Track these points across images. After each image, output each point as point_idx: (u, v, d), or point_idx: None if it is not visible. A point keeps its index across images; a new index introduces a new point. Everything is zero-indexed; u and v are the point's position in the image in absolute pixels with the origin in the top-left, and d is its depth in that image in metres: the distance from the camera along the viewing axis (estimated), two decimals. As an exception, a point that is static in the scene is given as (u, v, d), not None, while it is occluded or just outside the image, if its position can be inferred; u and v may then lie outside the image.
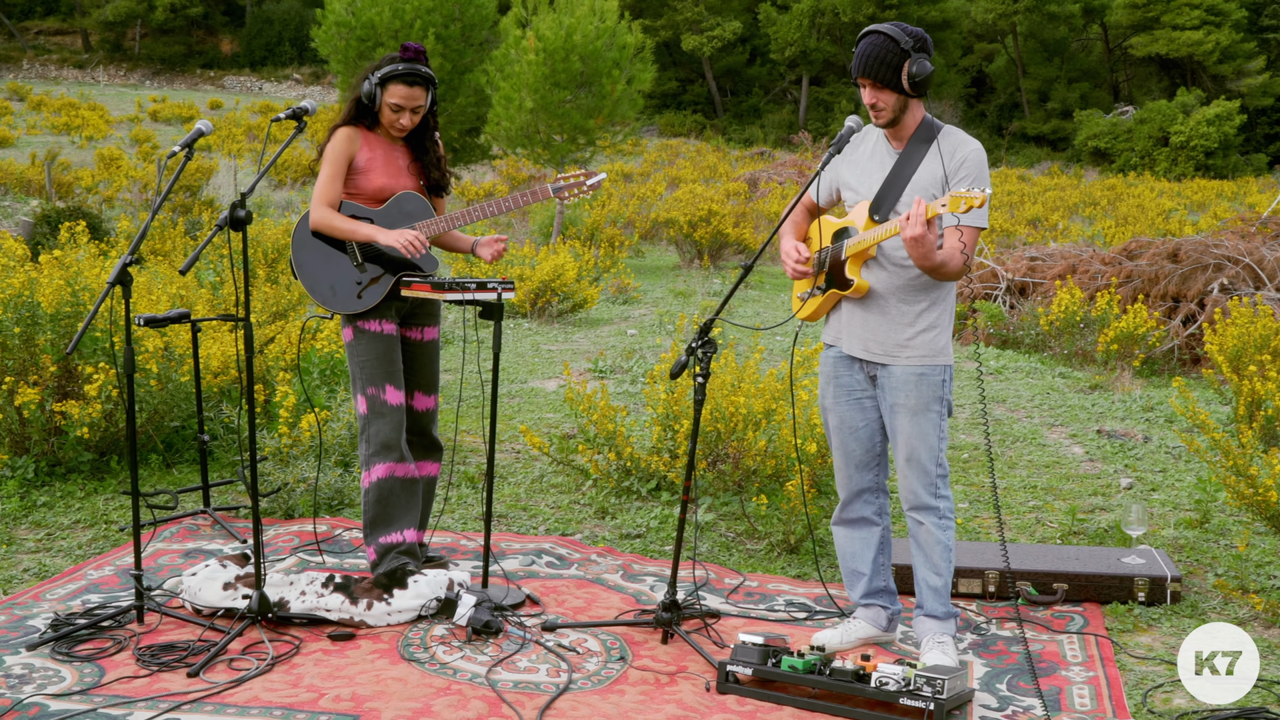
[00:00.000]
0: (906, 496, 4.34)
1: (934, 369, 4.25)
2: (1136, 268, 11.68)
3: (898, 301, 4.24)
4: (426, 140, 4.88)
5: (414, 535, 4.84)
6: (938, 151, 4.17)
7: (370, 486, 4.77)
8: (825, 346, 4.48)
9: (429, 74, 4.71)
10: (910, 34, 4.06)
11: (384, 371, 4.75)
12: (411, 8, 21.75)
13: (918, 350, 4.24)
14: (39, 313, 6.18)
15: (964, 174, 4.12)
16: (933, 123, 4.24)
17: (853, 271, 4.25)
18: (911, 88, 4.08)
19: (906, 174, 4.19)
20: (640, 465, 6.28)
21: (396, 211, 4.77)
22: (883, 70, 4.06)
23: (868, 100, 4.14)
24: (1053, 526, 6.05)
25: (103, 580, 4.93)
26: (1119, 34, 58.56)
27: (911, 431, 4.26)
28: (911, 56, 4.05)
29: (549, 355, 10.77)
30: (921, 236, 3.90)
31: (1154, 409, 8.84)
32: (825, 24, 57.61)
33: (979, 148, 4.19)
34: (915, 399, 4.24)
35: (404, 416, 4.79)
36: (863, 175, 4.31)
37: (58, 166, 25.67)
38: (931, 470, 4.28)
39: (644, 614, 4.66)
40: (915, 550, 4.38)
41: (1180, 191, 38.19)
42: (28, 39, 66.67)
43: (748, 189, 29.57)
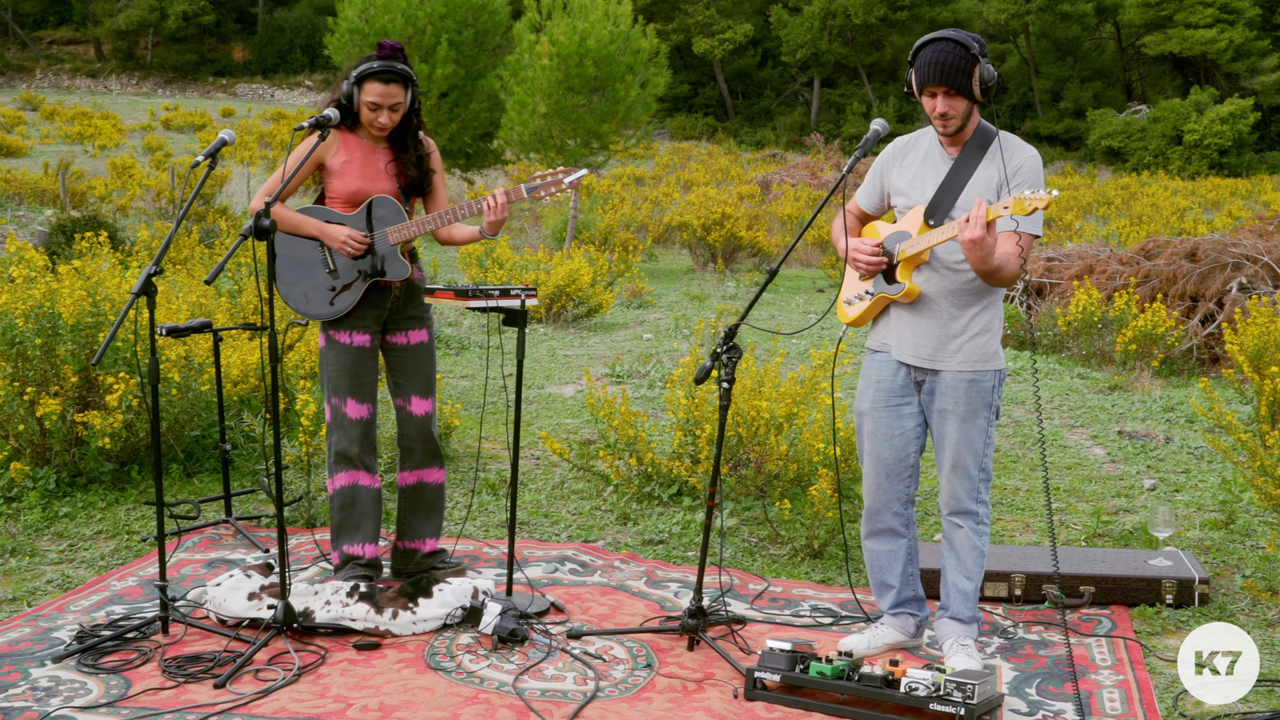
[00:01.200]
0: (948, 501, 4.30)
1: (985, 374, 4.21)
2: (1154, 267, 11.62)
3: (949, 306, 4.19)
4: (408, 139, 4.83)
5: (374, 550, 4.85)
6: (996, 156, 4.13)
7: (334, 494, 4.83)
8: (870, 352, 4.43)
9: (406, 71, 4.67)
10: (974, 39, 4.01)
11: (347, 384, 4.75)
12: (424, 14, 21.78)
13: (970, 355, 4.19)
14: (60, 323, 6.19)
15: (1021, 180, 4.08)
16: (988, 128, 4.20)
17: (904, 275, 4.21)
18: (982, 93, 4.05)
19: (962, 179, 4.14)
20: (661, 471, 6.26)
21: (369, 215, 4.75)
22: (958, 78, 4.00)
23: (939, 109, 4.06)
24: (1077, 528, 6.01)
25: (126, 591, 4.93)
26: (1132, 33, 58.39)
27: (959, 438, 4.22)
28: (981, 62, 4.01)
29: (565, 360, 10.76)
30: (981, 239, 3.84)
31: (1174, 409, 8.80)
32: (836, 26, 57.56)
33: (1036, 155, 4.15)
34: (965, 405, 4.20)
35: (368, 429, 4.81)
36: (916, 180, 4.25)
37: (71, 175, 25.76)
38: (975, 475, 4.25)
39: (669, 620, 4.64)
40: (948, 553, 4.35)
41: (1195, 190, 38.08)
42: (41, 48, 66.93)
43: (760, 191, 29.54)
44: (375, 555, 4.86)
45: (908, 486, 4.43)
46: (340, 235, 4.67)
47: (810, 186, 29.94)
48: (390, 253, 4.72)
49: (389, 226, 4.72)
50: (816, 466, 5.94)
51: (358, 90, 4.67)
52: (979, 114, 4.19)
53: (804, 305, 15.10)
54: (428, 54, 21.76)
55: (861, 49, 59.14)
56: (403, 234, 4.72)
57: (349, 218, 4.73)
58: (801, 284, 17.57)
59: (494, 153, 24.26)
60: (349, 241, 4.66)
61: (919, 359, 4.25)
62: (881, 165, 4.40)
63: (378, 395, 4.89)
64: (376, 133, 4.75)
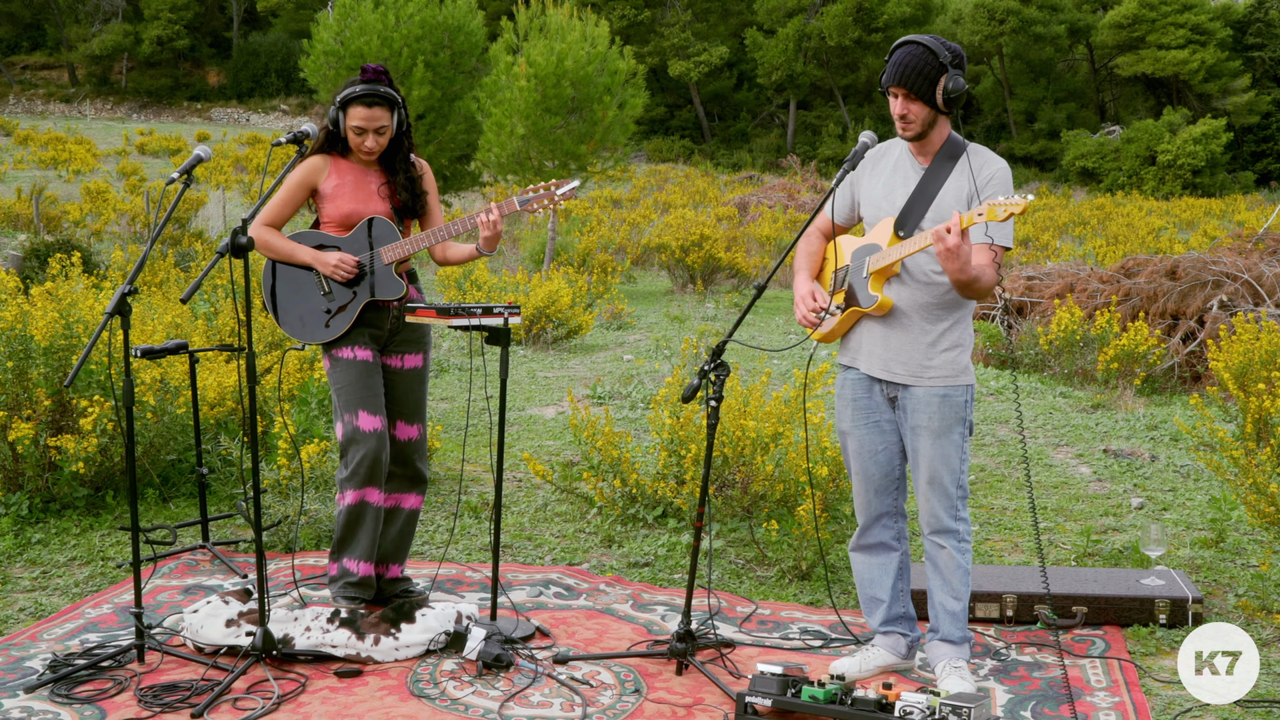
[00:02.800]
0: (927, 520, 4.24)
1: (957, 389, 4.16)
2: (1135, 285, 11.63)
3: (921, 319, 4.14)
4: (398, 161, 4.77)
5: (367, 568, 4.76)
6: (965, 167, 4.09)
7: (341, 510, 4.75)
8: (842, 368, 4.38)
9: (390, 94, 4.61)
10: (949, 49, 3.99)
11: (357, 397, 4.67)
12: (400, 36, 21.73)
13: (941, 370, 4.14)
14: (32, 346, 6.07)
15: (992, 190, 4.04)
16: (958, 140, 4.16)
17: (875, 288, 4.15)
18: (945, 103, 4.01)
19: (933, 190, 4.10)
20: (646, 492, 6.18)
21: (363, 237, 4.68)
22: (918, 82, 3.98)
23: (898, 111, 4.05)
24: (1066, 548, 5.96)
25: (101, 619, 4.81)
26: (1105, 54, 58.85)
27: (934, 454, 4.16)
28: (949, 72, 3.98)
29: (545, 382, 10.67)
30: (957, 247, 3.79)
31: (1158, 427, 8.77)
32: (812, 48, 57.81)
33: (1006, 166, 4.12)
34: (938, 420, 4.14)
35: (382, 441, 4.69)
36: (886, 190, 4.21)
37: (45, 200, 25.57)
38: (953, 493, 4.19)
39: (657, 645, 4.55)
40: (933, 574, 4.29)
41: (1169, 210, 38.31)
42: (14, 74, 66.63)
43: (738, 213, 29.56)
44: (368, 574, 4.76)
45: (896, 499, 4.36)
46: (331, 261, 4.61)
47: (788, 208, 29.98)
48: (385, 272, 4.65)
49: (382, 247, 4.66)
50: (803, 486, 5.87)
51: (343, 115, 4.62)
52: (948, 125, 4.15)
53: (784, 325, 15.06)
54: (404, 76, 21.70)
55: (836, 71, 59.39)
56: (397, 253, 4.65)
57: (343, 240, 4.66)
58: (781, 304, 17.53)
59: (471, 174, 24.19)
60: (340, 267, 4.60)
61: (890, 374, 4.20)
62: (852, 175, 4.34)
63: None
64: (364, 156, 4.69)
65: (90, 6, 66.05)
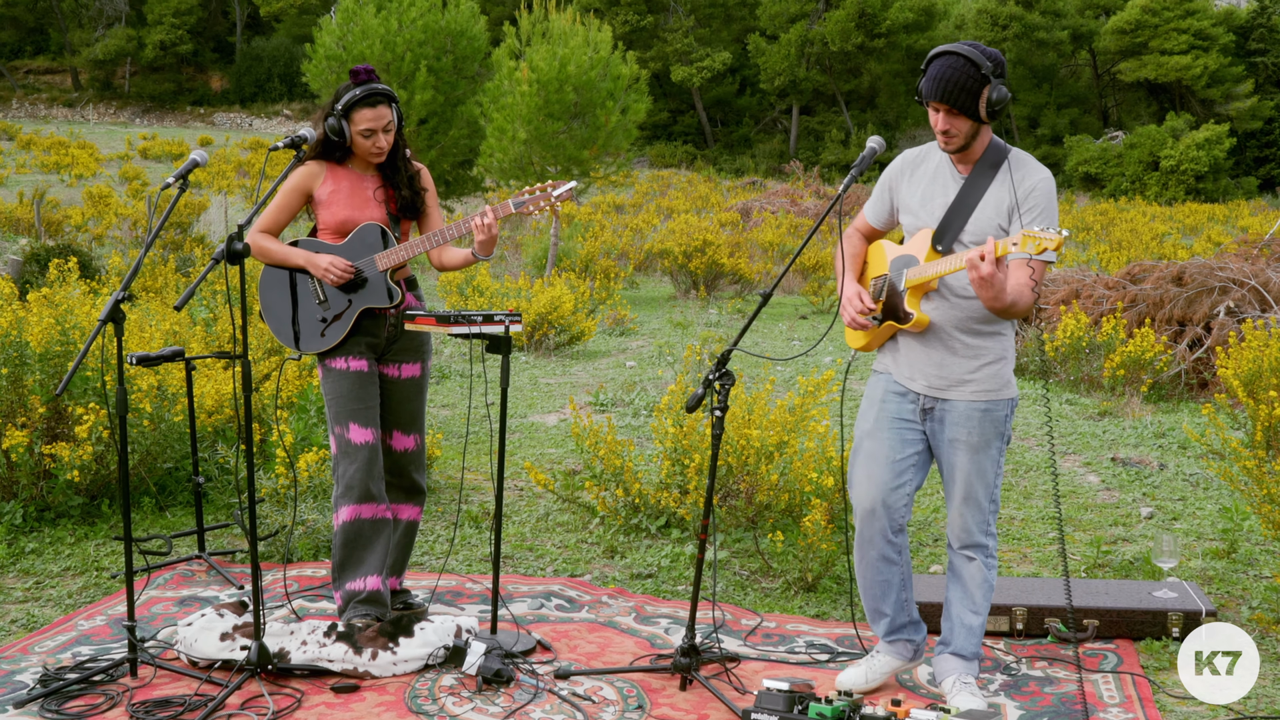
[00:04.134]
0: (959, 534, 4.13)
1: (998, 404, 4.04)
2: (1141, 291, 11.54)
3: (961, 334, 4.02)
4: (397, 160, 4.69)
5: (376, 582, 4.58)
6: (1006, 178, 3.95)
7: (338, 530, 4.59)
8: (875, 373, 4.24)
9: (387, 90, 4.54)
10: (989, 57, 3.82)
11: (348, 409, 4.56)
12: (403, 40, 21.66)
13: (983, 384, 4.02)
14: (27, 352, 5.99)
15: (1032, 204, 3.90)
16: (1000, 146, 4.02)
17: (912, 304, 4.02)
18: (988, 115, 3.87)
19: (972, 201, 3.96)
20: (649, 502, 6.09)
21: (359, 244, 4.59)
22: (961, 96, 3.82)
23: (940, 126, 3.90)
24: (1075, 559, 5.86)
25: (94, 631, 4.72)
26: (1107, 59, 58.78)
27: (971, 469, 4.05)
28: (991, 83, 3.82)
29: (548, 389, 10.59)
30: (991, 276, 3.66)
31: (1166, 435, 8.68)
32: (814, 54, 57.76)
33: (1049, 177, 3.97)
34: (978, 435, 4.03)
35: (373, 454, 4.58)
36: (924, 200, 4.07)
37: (47, 205, 25.53)
38: (986, 507, 4.10)
39: (661, 659, 4.47)
40: (954, 587, 4.18)
41: (1172, 215, 38.24)
42: (17, 78, 66.64)
43: (741, 219, 29.50)
44: (377, 588, 4.58)
45: (902, 515, 4.17)
46: (323, 263, 4.52)
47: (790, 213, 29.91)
48: (381, 279, 4.56)
49: (378, 253, 4.57)
50: (809, 497, 5.78)
51: (347, 123, 4.53)
52: (990, 132, 4.01)
53: (787, 332, 14.97)
54: (406, 80, 21.63)
55: (839, 76, 59.33)
56: (392, 259, 4.56)
57: (338, 247, 4.57)
58: (784, 311, 17.46)
59: (474, 180, 24.12)
60: (331, 269, 4.51)
61: (929, 388, 4.08)
62: (890, 178, 4.21)
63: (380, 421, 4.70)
64: (375, 158, 4.60)
65: (94, 11, 66.10)
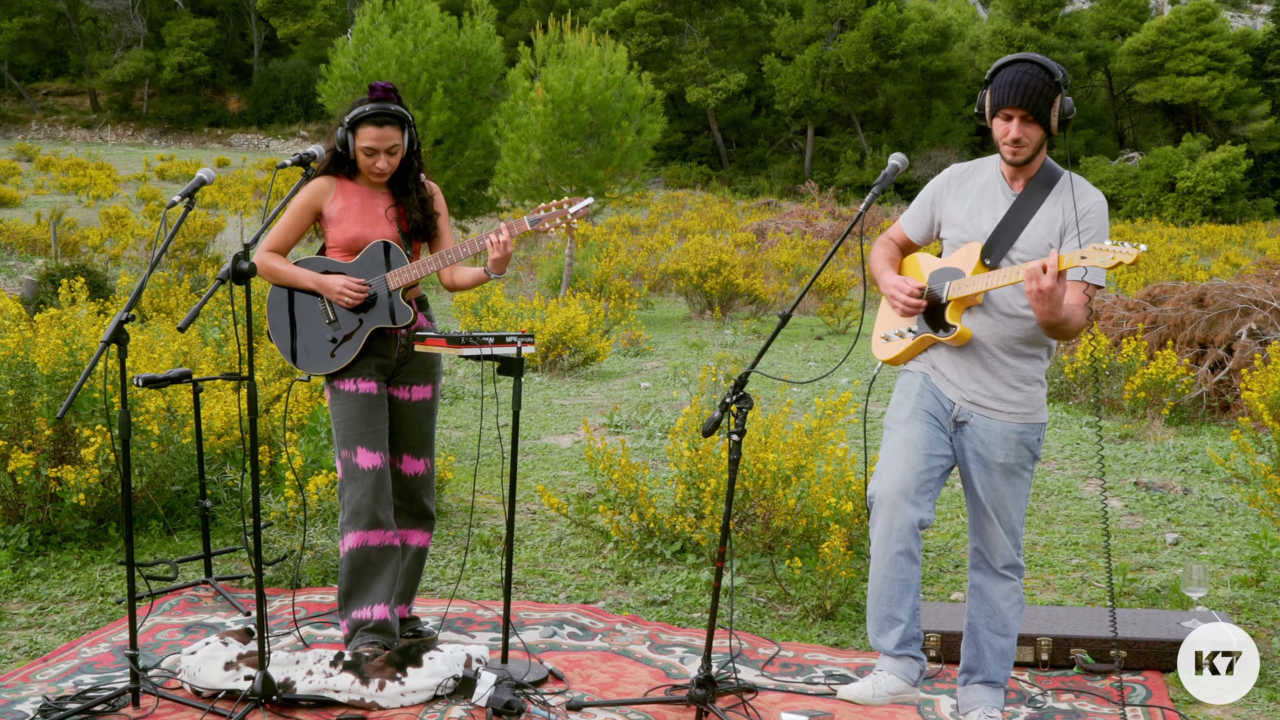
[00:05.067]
0: (995, 555, 4.03)
1: (1033, 427, 3.97)
2: (1161, 313, 11.40)
3: (1003, 353, 3.93)
4: (409, 182, 4.58)
5: (384, 611, 4.45)
6: (1060, 198, 3.87)
7: (344, 557, 4.47)
8: (905, 371, 4.13)
9: (400, 112, 4.42)
10: (1059, 69, 3.78)
11: (356, 433, 4.45)
12: (418, 61, 21.68)
13: (1021, 406, 3.94)
14: (34, 373, 5.92)
15: (1088, 224, 3.82)
16: (1054, 166, 3.95)
17: (953, 316, 3.93)
18: (1059, 125, 3.82)
19: (1024, 218, 3.88)
20: (664, 526, 5.98)
21: (370, 262, 4.48)
22: (1039, 103, 3.75)
23: (1013, 134, 3.81)
24: (1100, 586, 5.73)
25: (97, 659, 4.62)
26: (1123, 81, 58.69)
27: (1007, 490, 3.98)
28: (1062, 92, 3.78)
29: (562, 410, 10.49)
30: (1051, 290, 3.55)
31: (1189, 459, 8.54)
32: (829, 75, 57.79)
33: (1103, 200, 3.88)
34: (1014, 458, 3.96)
35: (381, 479, 4.46)
36: (973, 213, 3.98)
37: (64, 225, 25.60)
38: (1019, 530, 4.03)
39: (676, 690, 4.34)
40: (982, 609, 4.08)
41: (1189, 237, 38.05)
42: (37, 100, 67.08)
43: (756, 239, 29.44)
44: (384, 617, 4.45)
45: (927, 511, 4.02)
46: (337, 285, 4.41)
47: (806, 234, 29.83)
48: (392, 299, 4.46)
49: (389, 271, 4.47)
50: (827, 522, 5.67)
51: (352, 136, 4.43)
52: (1047, 151, 3.95)
53: (804, 353, 14.87)
54: (422, 101, 21.63)
55: (854, 97, 59.32)
56: (403, 278, 4.45)
57: (349, 266, 4.47)
58: (800, 331, 17.35)
59: (489, 200, 24.11)
60: (346, 290, 4.40)
61: (966, 401, 3.99)
62: (934, 192, 4.11)
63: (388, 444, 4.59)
64: (375, 178, 4.50)
65: (112, 34, 66.54)
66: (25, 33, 63.59)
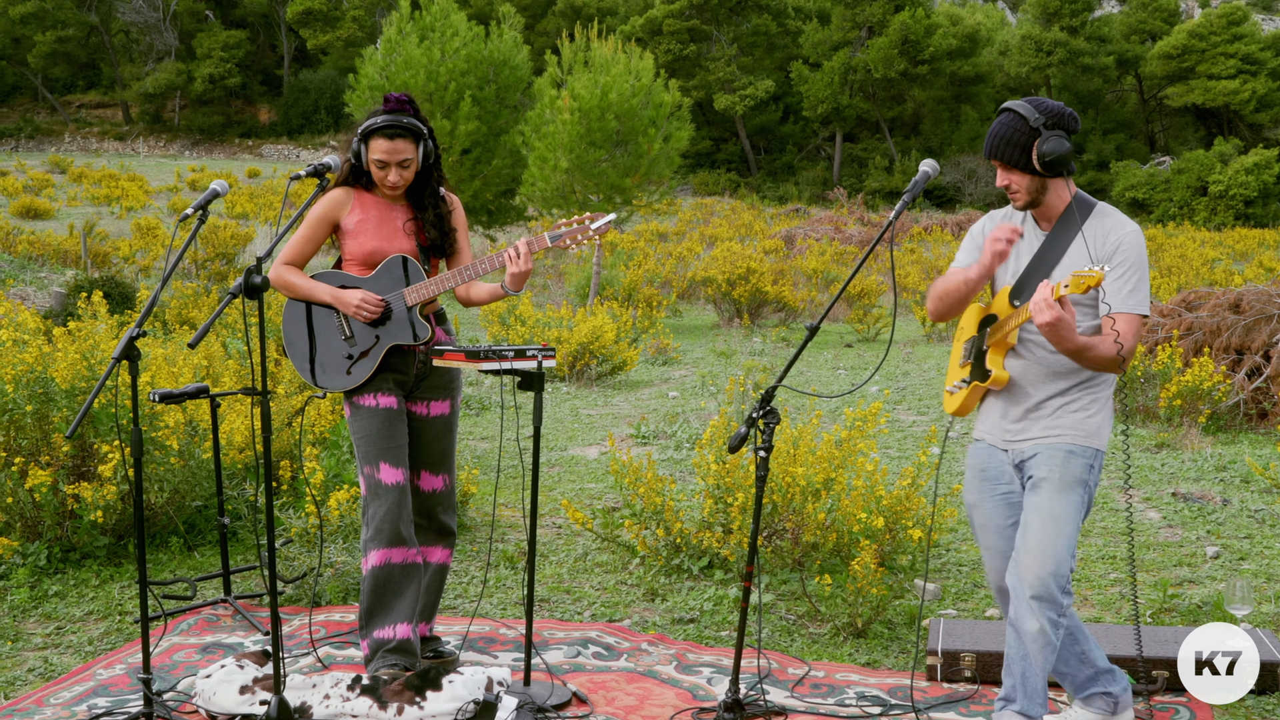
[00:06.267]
0: (1030, 582, 3.78)
1: (1083, 450, 3.81)
2: (1197, 319, 11.21)
3: (1041, 388, 3.85)
4: (425, 196, 4.47)
5: (406, 630, 4.36)
6: (1090, 233, 3.78)
7: (366, 575, 4.37)
8: (974, 440, 4.11)
9: (413, 125, 4.31)
10: (1044, 110, 3.72)
11: (378, 449, 4.35)
12: (446, 70, 21.66)
13: (1067, 429, 3.82)
14: (53, 389, 5.85)
15: (1119, 260, 3.73)
16: (1086, 201, 3.84)
17: (993, 362, 3.88)
18: (1044, 167, 3.72)
19: (1053, 258, 3.81)
20: (691, 542, 5.86)
21: (387, 277, 4.38)
22: (1009, 150, 3.73)
23: (999, 182, 3.82)
24: (1140, 602, 5.57)
25: (112, 681, 4.53)
26: (1154, 84, 58.24)
27: (1048, 508, 3.78)
28: (1042, 134, 3.70)
29: (589, 420, 10.39)
30: (1057, 320, 3.50)
31: (1227, 468, 8.35)
32: (857, 81, 57.60)
33: (1134, 231, 3.77)
34: (1059, 475, 3.80)
35: (404, 495, 4.37)
36: (1010, 257, 3.93)
37: (95, 237, 25.71)
38: (1065, 560, 3.77)
39: (703, 713, 4.22)
40: (1015, 639, 3.90)
41: (1222, 241, 37.66)
42: (70, 112, 67.65)
43: (784, 246, 29.30)
44: (406, 636, 4.35)
45: None
46: (354, 300, 4.31)
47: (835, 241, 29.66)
48: (410, 314, 4.36)
49: (407, 287, 4.37)
50: (858, 537, 5.53)
51: (364, 147, 4.34)
52: (1066, 187, 3.82)
53: (833, 361, 14.72)
54: (450, 110, 21.61)
55: (883, 103, 59.10)
56: (421, 294, 4.35)
57: (365, 280, 4.37)
58: (829, 339, 17.20)
59: (516, 209, 24.06)
60: (363, 306, 4.31)
61: (1013, 440, 3.90)
62: (978, 234, 4.06)
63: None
64: (388, 190, 4.40)
65: (144, 46, 67.06)
66: (58, 46, 64.15)
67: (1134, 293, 3.68)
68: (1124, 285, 3.70)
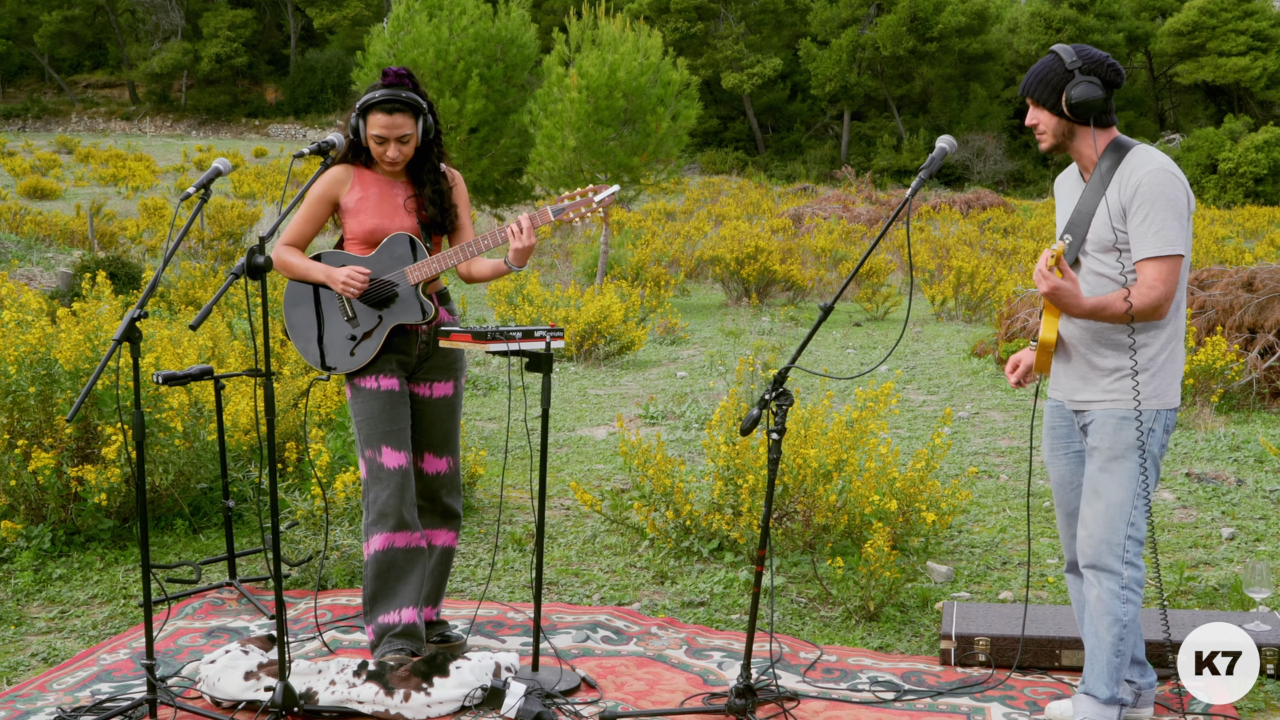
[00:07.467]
0: (1084, 550, 3.85)
1: (1134, 414, 3.75)
2: (1210, 298, 11.10)
3: (1085, 350, 3.83)
4: (425, 173, 4.40)
5: (411, 614, 4.30)
6: (1120, 177, 3.72)
7: (369, 560, 4.31)
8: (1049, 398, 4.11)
9: (411, 99, 4.23)
10: (1084, 55, 3.69)
11: (380, 431, 4.28)
12: (454, 49, 21.53)
13: (1119, 394, 3.78)
14: (56, 370, 5.79)
15: (1137, 205, 3.65)
16: (1124, 143, 3.78)
17: (1045, 324, 3.85)
18: (1070, 110, 3.68)
19: (1089, 209, 3.76)
20: (701, 524, 5.79)
21: (388, 255, 4.30)
22: (1041, 89, 3.73)
23: (1029, 120, 3.82)
24: (1153, 584, 5.50)
25: (116, 666, 4.48)
26: (1164, 62, 57.88)
27: (1101, 479, 3.79)
28: (1076, 78, 3.67)
29: (597, 400, 10.32)
30: (1050, 291, 3.57)
31: (1241, 448, 8.27)
32: (865, 59, 57.27)
33: (1156, 169, 3.65)
34: (1109, 444, 3.78)
35: (407, 479, 4.31)
36: (1062, 213, 3.92)
37: (102, 217, 25.66)
38: (1120, 527, 3.77)
39: (714, 698, 4.17)
40: (1081, 612, 3.90)
41: (1232, 219, 37.42)
42: (77, 92, 67.53)
43: (792, 225, 29.15)
44: (412, 620, 4.30)
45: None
46: (341, 275, 4.24)
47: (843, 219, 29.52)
48: (412, 293, 4.29)
49: (408, 266, 4.29)
50: (869, 520, 5.47)
51: (363, 123, 4.26)
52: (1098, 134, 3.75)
53: (842, 340, 14.63)
54: (458, 89, 21.48)
55: (891, 81, 58.79)
56: (423, 272, 4.27)
57: (367, 259, 4.30)
58: (838, 319, 17.10)
59: (524, 188, 23.94)
60: (350, 281, 4.22)
61: (1074, 401, 3.90)
62: (1056, 197, 4.05)
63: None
64: (387, 166, 4.33)
65: (150, 26, 66.86)
66: (65, 25, 63.99)
67: (1159, 233, 3.59)
68: (1147, 229, 3.62)
